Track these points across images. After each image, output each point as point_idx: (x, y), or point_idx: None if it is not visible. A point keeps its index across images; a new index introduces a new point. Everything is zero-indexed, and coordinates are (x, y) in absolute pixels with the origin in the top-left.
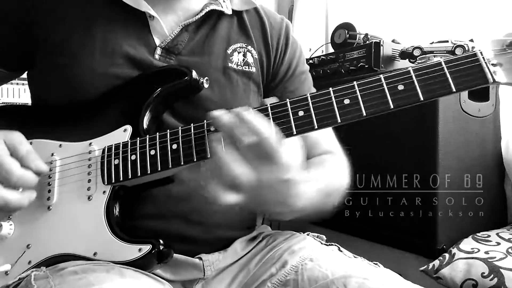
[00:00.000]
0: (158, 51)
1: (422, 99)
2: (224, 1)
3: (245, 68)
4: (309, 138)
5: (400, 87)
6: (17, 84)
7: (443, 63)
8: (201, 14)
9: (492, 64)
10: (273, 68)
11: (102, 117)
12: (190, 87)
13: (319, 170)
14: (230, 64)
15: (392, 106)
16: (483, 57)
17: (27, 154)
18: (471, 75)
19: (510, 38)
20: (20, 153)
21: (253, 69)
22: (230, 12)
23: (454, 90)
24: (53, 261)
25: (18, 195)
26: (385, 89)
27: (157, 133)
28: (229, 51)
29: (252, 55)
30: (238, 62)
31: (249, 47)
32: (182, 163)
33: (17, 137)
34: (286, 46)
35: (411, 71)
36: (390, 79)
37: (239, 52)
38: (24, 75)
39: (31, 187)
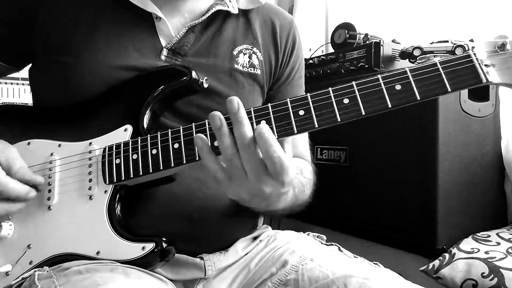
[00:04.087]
0: (164, 52)
1: (419, 98)
2: (230, 1)
3: (250, 70)
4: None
5: (398, 87)
6: (17, 84)
7: (438, 64)
8: (207, 15)
9: (485, 65)
10: (280, 70)
11: (102, 117)
12: (190, 87)
13: (299, 177)
14: (236, 66)
15: (390, 105)
16: (476, 58)
17: (21, 168)
18: (465, 75)
19: (501, 40)
20: (14, 169)
21: (258, 71)
22: (236, 12)
23: (449, 90)
24: (54, 261)
25: (18, 184)
26: (383, 89)
27: (158, 132)
28: (235, 53)
29: (257, 57)
30: (244, 63)
31: (255, 49)
32: (184, 162)
33: (12, 153)
34: (293, 48)
35: (408, 72)
36: (388, 79)
37: (244, 54)
38: (26, 75)
39: (26, 199)
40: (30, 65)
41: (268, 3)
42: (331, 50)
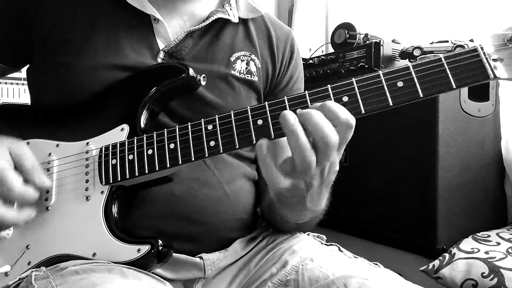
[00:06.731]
0: (161, 55)
1: (421, 95)
2: (231, 9)
3: (247, 76)
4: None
5: (400, 84)
6: (17, 84)
7: (443, 59)
8: (208, 21)
9: (493, 59)
10: (277, 79)
11: (99, 116)
12: (187, 85)
13: None
14: (232, 72)
15: (391, 103)
16: (483, 52)
17: (33, 168)
18: (471, 71)
19: (511, 33)
20: (26, 166)
21: (255, 78)
22: (236, 21)
23: (454, 86)
24: (52, 262)
25: (15, 213)
26: (384, 86)
27: (154, 132)
28: (232, 59)
29: (255, 64)
30: (241, 70)
31: (253, 56)
32: (180, 162)
33: (22, 148)
34: (291, 59)
35: (411, 68)
36: (389, 76)
37: (242, 60)
38: (25, 75)
39: (31, 203)
40: (28, 65)
41: (267, 14)
42: (331, 50)
